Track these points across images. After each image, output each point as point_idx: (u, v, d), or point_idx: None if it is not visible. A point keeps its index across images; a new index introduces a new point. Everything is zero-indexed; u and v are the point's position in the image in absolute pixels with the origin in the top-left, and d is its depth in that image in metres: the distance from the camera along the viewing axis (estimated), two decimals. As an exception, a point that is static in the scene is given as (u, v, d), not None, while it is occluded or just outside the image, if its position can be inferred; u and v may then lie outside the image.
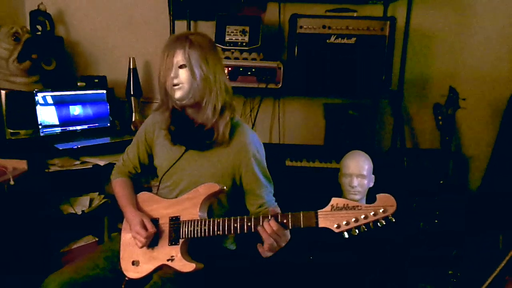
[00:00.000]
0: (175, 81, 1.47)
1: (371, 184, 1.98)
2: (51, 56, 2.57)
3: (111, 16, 2.85)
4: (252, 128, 2.67)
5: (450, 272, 2.29)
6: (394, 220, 1.19)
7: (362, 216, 1.19)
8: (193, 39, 1.46)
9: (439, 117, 2.39)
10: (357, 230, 1.20)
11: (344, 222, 1.21)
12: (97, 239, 2.42)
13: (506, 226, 2.37)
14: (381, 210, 1.18)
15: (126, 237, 1.57)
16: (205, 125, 1.50)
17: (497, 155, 2.80)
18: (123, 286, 1.52)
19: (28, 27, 2.52)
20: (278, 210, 1.53)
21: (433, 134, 2.69)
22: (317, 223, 1.24)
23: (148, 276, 1.48)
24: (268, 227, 1.30)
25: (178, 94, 1.48)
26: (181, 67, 1.46)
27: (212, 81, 1.47)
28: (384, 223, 1.19)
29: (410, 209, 2.41)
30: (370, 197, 1.96)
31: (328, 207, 1.24)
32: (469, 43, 2.80)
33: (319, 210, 1.25)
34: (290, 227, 1.30)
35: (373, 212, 1.19)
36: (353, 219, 1.20)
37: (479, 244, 2.42)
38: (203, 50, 1.46)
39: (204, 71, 1.45)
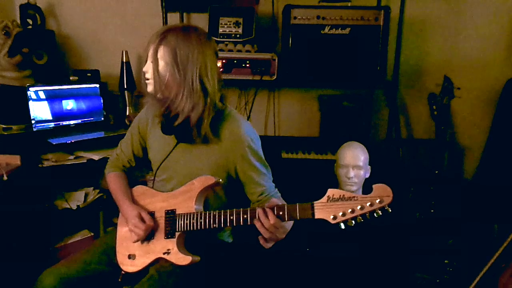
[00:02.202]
0: (146, 76, 1.47)
1: (367, 175, 1.98)
2: (43, 50, 2.53)
3: (103, 8, 2.81)
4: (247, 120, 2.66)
5: (446, 261, 2.30)
6: (390, 211, 1.18)
7: (359, 207, 1.19)
8: (168, 35, 1.41)
9: (434, 107, 2.39)
10: (353, 221, 1.20)
11: (341, 213, 1.20)
12: (92, 234, 2.41)
13: (501, 216, 2.38)
14: (377, 201, 1.18)
15: (122, 231, 1.57)
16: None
17: (491, 145, 2.81)
18: (119, 280, 1.52)
19: (19, 21, 2.48)
20: (280, 199, 1.52)
21: (428, 124, 2.69)
22: (313, 214, 1.24)
23: (145, 270, 1.48)
24: (266, 221, 1.29)
25: (148, 89, 1.49)
26: (152, 62, 1.44)
27: (180, 81, 1.41)
28: (381, 214, 1.19)
29: (406, 199, 2.41)
30: (367, 187, 1.96)
31: (324, 198, 1.23)
32: (464, 32, 2.79)
33: (315, 202, 1.24)
34: (286, 219, 1.30)
35: (369, 203, 1.18)
36: (350, 210, 1.19)
37: (474, 234, 2.43)
38: (173, 49, 1.40)
39: (168, 69, 1.41)
